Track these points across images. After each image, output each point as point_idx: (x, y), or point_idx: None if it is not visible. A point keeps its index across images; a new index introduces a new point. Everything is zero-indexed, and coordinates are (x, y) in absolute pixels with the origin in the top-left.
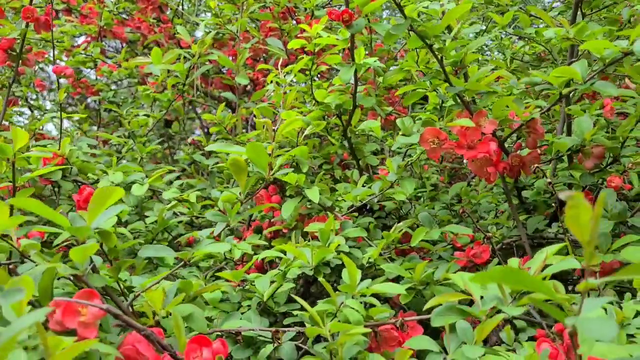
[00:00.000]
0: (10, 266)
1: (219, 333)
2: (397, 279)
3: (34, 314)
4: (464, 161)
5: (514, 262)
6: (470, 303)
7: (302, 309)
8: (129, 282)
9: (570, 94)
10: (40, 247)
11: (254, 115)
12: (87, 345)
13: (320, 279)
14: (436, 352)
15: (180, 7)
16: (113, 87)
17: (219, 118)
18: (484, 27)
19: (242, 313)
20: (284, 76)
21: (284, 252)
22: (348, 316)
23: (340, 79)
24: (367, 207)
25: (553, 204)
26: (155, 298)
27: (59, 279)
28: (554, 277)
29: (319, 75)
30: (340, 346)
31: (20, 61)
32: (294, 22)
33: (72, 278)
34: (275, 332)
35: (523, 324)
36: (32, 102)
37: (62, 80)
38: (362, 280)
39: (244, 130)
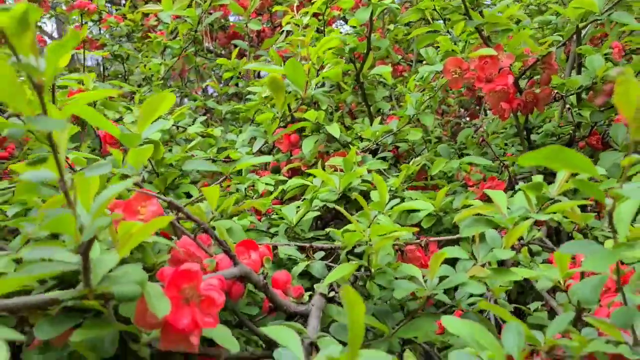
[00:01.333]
0: None
1: None
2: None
3: (112, 187)
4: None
5: (538, 177)
6: None
7: (328, 237)
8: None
9: (582, 34)
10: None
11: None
12: (152, 228)
13: (341, 209)
14: (466, 259)
15: None
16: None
17: (233, 64)
18: None
19: (271, 238)
20: (301, 17)
21: (311, 180)
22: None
23: (357, 19)
24: (379, 153)
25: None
26: (212, 194)
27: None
28: None
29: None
30: (376, 252)
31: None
32: None
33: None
34: (310, 248)
35: (538, 249)
36: None
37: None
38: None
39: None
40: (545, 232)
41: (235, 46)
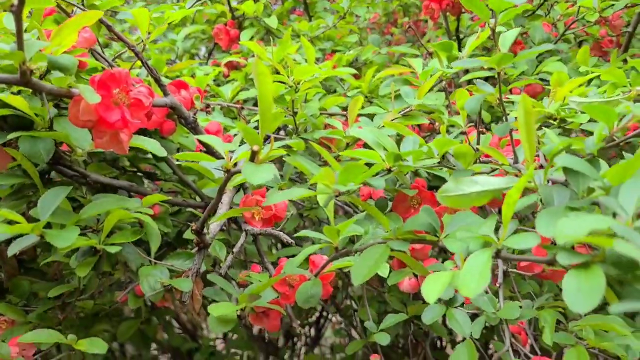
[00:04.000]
0: None
1: None
2: None
3: None
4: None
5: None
6: None
7: None
8: None
9: None
10: None
11: None
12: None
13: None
14: (382, 112)
15: None
16: None
17: None
18: None
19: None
20: None
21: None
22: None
23: None
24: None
25: None
26: (141, 19)
27: None
28: None
29: None
30: (300, 99)
31: None
32: None
33: None
34: (240, 108)
35: None
36: None
37: None
38: None
39: None
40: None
41: None
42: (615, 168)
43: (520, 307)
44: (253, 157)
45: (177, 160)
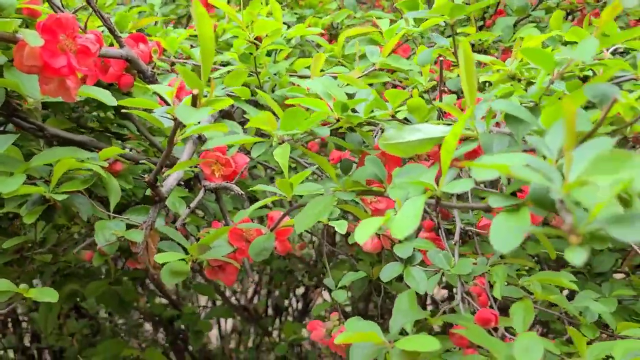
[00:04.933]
0: None
1: None
2: None
3: None
4: None
5: None
6: None
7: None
8: None
9: None
10: None
11: None
12: None
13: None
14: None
15: None
16: None
17: None
18: None
19: None
20: None
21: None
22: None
23: None
24: None
25: None
26: None
27: None
28: None
29: None
30: (262, 54)
31: None
32: None
33: None
34: None
35: None
36: None
37: None
38: None
39: None
40: None
41: None
42: (547, 110)
43: (475, 264)
44: (194, 101)
45: (125, 108)
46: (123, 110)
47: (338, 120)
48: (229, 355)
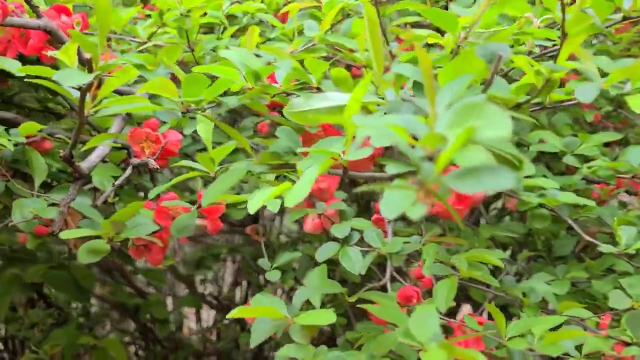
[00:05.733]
0: None
1: None
2: None
3: None
4: None
5: None
6: None
7: None
8: None
9: None
10: None
11: None
12: None
13: None
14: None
15: None
16: None
17: None
18: None
19: None
20: None
21: None
22: None
23: None
24: None
25: None
26: None
27: None
28: None
29: None
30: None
31: None
32: None
33: None
34: None
35: None
36: None
37: None
38: None
39: None
40: None
41: None
42: (442, 71)
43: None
44: (90, 66)
45: (29, 76)
46: (27, 80)
47: (251, 90)
48: (204, 345)
